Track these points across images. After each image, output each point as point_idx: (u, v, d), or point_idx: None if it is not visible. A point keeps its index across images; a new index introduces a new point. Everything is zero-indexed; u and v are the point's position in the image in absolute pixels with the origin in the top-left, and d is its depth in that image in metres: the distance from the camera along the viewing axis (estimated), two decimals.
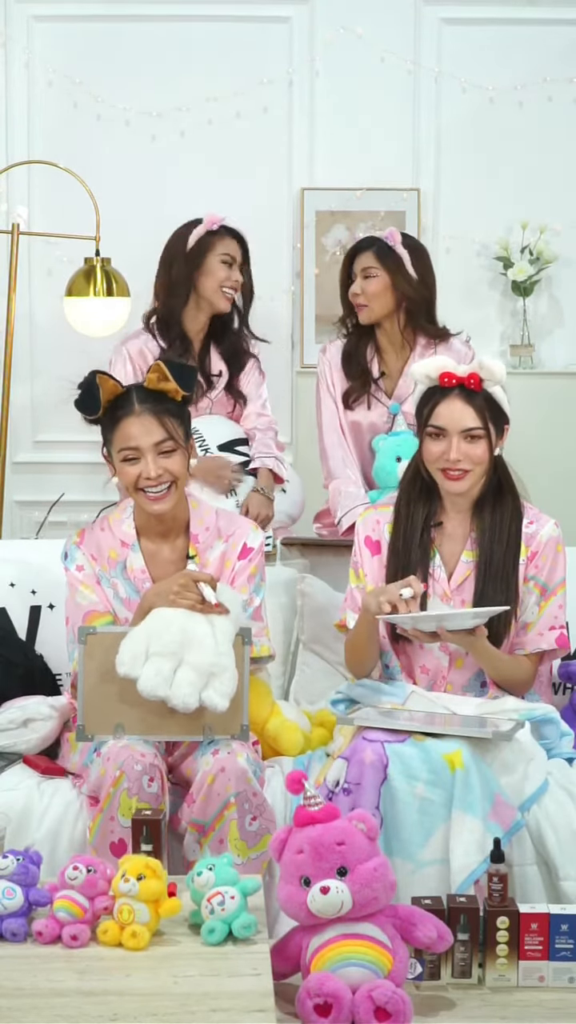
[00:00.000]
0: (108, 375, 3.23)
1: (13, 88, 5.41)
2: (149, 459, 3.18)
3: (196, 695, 3.00)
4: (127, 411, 3.20)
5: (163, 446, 3.19)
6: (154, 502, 3.21)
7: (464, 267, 5.45)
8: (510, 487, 3.35)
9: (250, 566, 3.32)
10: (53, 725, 3.38)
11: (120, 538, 3.32)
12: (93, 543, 3.33)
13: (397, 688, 3.31)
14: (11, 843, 3.09)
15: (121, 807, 2.97)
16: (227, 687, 3.03)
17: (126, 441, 3.19)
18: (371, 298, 4.16)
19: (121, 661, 3.02)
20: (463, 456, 3.23)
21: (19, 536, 5.27)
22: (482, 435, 3.24)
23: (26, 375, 5.42)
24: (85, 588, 3.29)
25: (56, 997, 2.34)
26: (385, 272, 4.16)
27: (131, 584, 3.29)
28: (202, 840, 3.01)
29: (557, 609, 3.34)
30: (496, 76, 5.43)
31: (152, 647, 3.02)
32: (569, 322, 5.55)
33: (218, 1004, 2.31)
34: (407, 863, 2.94)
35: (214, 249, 4.23)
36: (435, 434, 3.26)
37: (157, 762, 3.05)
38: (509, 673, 3.29)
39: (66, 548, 3.34)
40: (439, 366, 3.28)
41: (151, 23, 5.39)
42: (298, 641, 3.84)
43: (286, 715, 3.47)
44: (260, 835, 3.02)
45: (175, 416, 3.23)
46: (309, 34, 5.41)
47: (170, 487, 3.22)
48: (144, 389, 3.23)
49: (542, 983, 2.68)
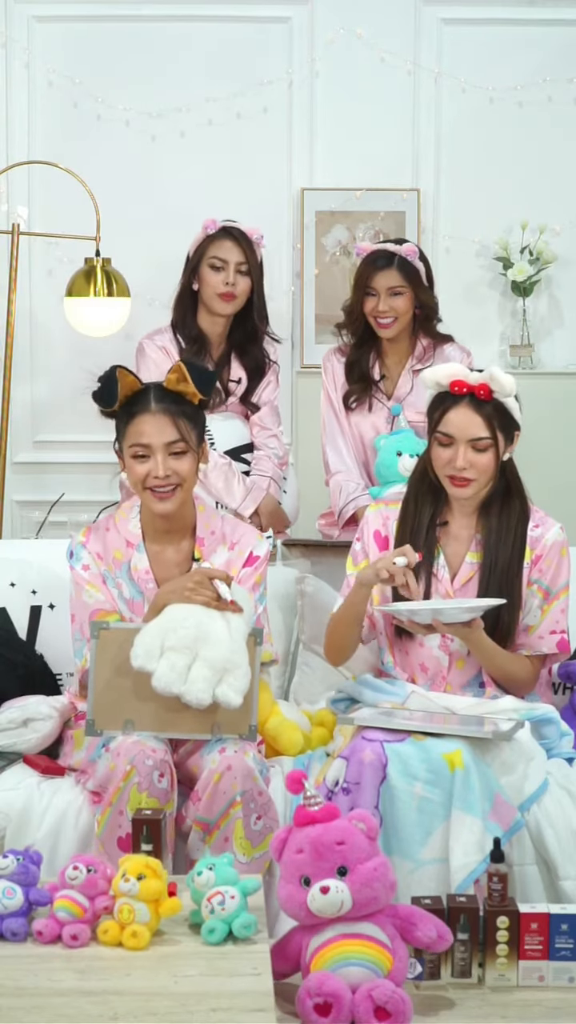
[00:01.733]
0: (128, 370, 3.23)
1: (13, 88, 5.41)
2: (159, 458, 3.17)
3: (210, 691, 3.01)
4: (143, 408, 3.20)
5: (174, 447, 3.19)
6: (159, 500, 3.21)
7: (464, 267, 5.46)
8: (518, 490, 3.34)
9: (255, 574, 3.31)
10: (53, 725, 3.38)
11: (126, 538, 3.31)
12: (99, 542, 3.32)
13: (397, 688, 3.31)
14: (11, 843, 3.08)
15: (131, 802, 2.97)
16: (241, 683, 3.04)
17: (138, 438, 3.19)
18: (401, 314, 4.18)
19: (136, 655, 3.02)
20: (469, 465, 3.24)
21: (19, 536, 5.27)
22: (489, 445, 3.24)
23: (26, 375, 5.41)
24: (91, 587, 3.29)
25: (56, 997, 2.34)
26: (410, 288, 4.18)
27: (135, 585, 3.29)
28: (207, 839, 3.02)
29: (559, 613, 3.34)
30: (496, 76, 5.43)
31: (167, 642, 3.02)
32: (569, 322, 5.55)
33: (218, 1004, 2.31)
34: (406, 862, 2.95)
35: (206, 255, 4.22)
36: (443, 441, 3.27)
37: (168, 758, 3.05)
38: (508, 670, 3.28)
39: (72, 547, 3.34)
40: (450, 373, 3.28)
41: (151, 23, 5.39)
42: (298, 641, 3.84)
43: (286, 715, 3.47)
44: (264, 834, 3.02)
45: (190, 419, 3.22)
46: (309, 34, 5.41)
47: (176, 488, 3.21)
48: (162, 389, 3.23)
49: (542, 983, 2.67)
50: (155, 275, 4.65)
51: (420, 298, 4.21)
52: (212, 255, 4.21)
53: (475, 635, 3.21)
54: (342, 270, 5.31)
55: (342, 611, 3.36)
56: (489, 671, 3.29)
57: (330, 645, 3.43)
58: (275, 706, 3.48)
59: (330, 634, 3.41)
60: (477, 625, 3.19)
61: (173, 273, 4.34)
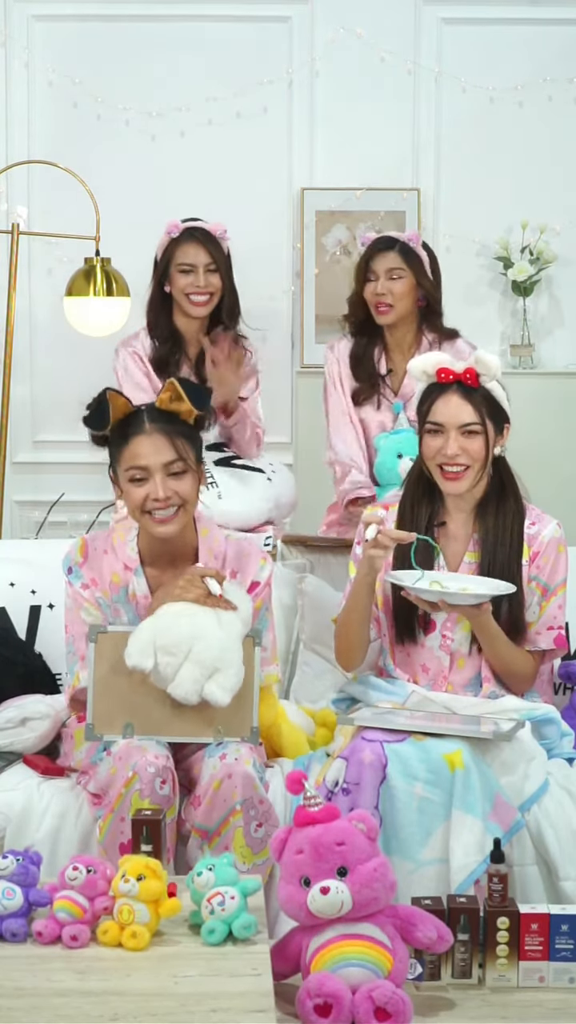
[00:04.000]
0: (119, 392, 3.16)
1: (13, 88, 5.41)
2: (158, 479, 3.09)
3: (197, 689, 3.00)
4: (137, 429, 3.11)
5: (173, 467, 3.11)
6: (160, 524, 3.12)
7: (464, 267, 5.45)
8: (513, 490, 3.35)
9: (256, 600, 3.23)
10: (51, 724, 3.38)
11: (124, 561, 3.24)
12: (96, 567, 3.24)
13: (398, 688, 3.31)
14: (11, 843, 3.08)
15: (132, 809, 2.94)
16: (230, 682, 3.02)
17: (134, 460, 3.10)
18: (397, 299, 4.18)
19: (129, 653, 3.01)
20: (461, 451, 3.24)
21: (19, 536, 5.27)
22: (479, 431, 3.25)
23: (26, 375, 5.42)
24: (89, 606, 3.23)
25: (56, 997, 2.34)
26: (411, 272, 4.18)
27: (132, 609, 3.22)
28: (206, 846, 3.01)
29: (556, 609, 3.35)
30: (496, 76, 5.43)
31: (159, 640, 3.02)
32: (569, 322, 5.55)
33: (218, 1004, 2.30)
34: (406, 863, 2.95)
35: (173, 259, 4.18)
36: (433, 430, 3.28)
37: (170, 764, 3.03)
38: (509, 659, 3.27)
39: (70, 563, 3.26)
40: (436, 362, 3.29)
41: (151, 23, 5.39)
42: (298, 641, 3.84)
43: (288, 715, 3.46)
44: (265, 841, 2.99)
45: (187, 438, 3.14)
46: (309, 34, 5.41)
47: (178, 511, 3.13)
48: (156, 409, 3.15)
49: (542, 983, 2.67)
50: None
51: (423, 286, 4.20)
52: (179, 260, 4.18)
53: (482, 618, 3.21)
54: (342, 270, 5.31)
55: (348, 614, 3.35)
56: (491, 659, 3.29)
57: (341, 650, 3.40)
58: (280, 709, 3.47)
59: (340, 638, 3.40)
60: (485, 608, 3.19)
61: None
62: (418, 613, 3.30)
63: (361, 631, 3.33)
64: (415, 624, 3.32)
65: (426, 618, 3.32)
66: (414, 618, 3.32)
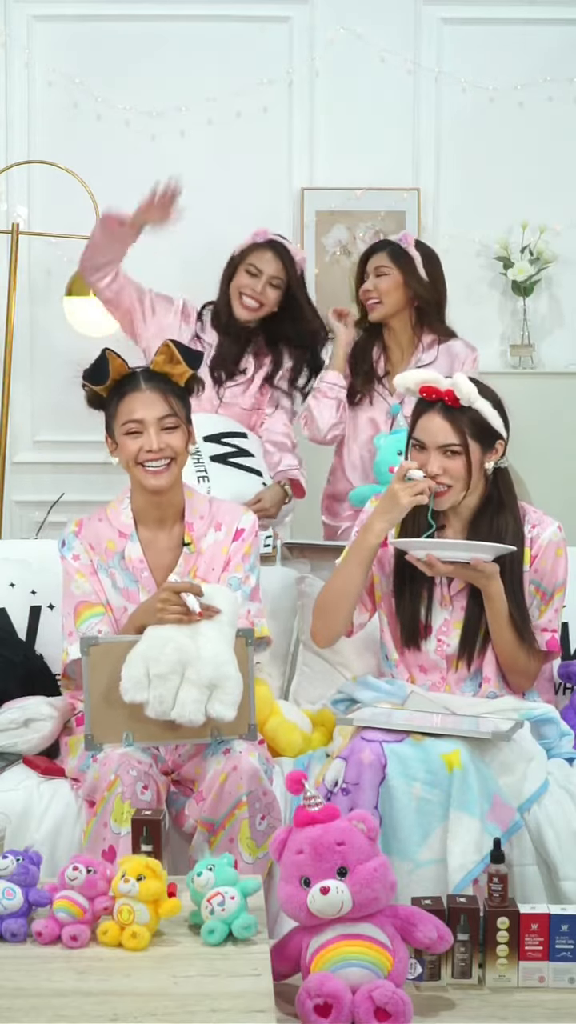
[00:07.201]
0: (116, 354, 3.30)
1: (13, 88, 5.41)
2: (152, 432, 3.25)
3: (201, 711, 3.00)
4: (133, 387, 3.29)
5: (166, 421, 3.27)
6: (153, 476, 3.27)
7: (464, 267, 5.44)
8: (511, 506, 3.33)
9: (244, 546, 3.36)
10: (54, 725, 3.38)
11: (118, 528, 3.36)
12: (91, 533, 3.37)
13: (396, 688, 3.31)
14: (11, 843, 3.09)
15: (114, 812, 2.96)
16: (231, 696, 3.02)
17: (130, 415, 3.27)
18: (382, 294, 4.26)
19: (124, 689, 3.02)
20: (441, 470, 3.24)
21: (19, 536, 5.27)
22: (460, 451, 3.24)
23: (26, 375, 5.41)
24: (80, 577, 3.32)
25: (56, 997, 2.34)
26: (397, 271, 4.26)
27: (129, 574, 3.32)
28: (212, 839, 3.02)
29: (552, 613, 3.35)
30: (496, 76, 5.43)
31: (152, 670, 3.01)
32: (569, 322, 5.55)
33: (218, 1004, 2.31)
34: (405, 863, 2.95)
35: (245, 259, 4.31)
36: (417, 446, 3.28)
37: (152, 772, 3.05)
38: (513, 642, 3.26)
39: (64, 536, 3.39)
40: (420, 380, 3.29)
41: (151, 23, 5.39)
42: (298, 641, 3.84)
43: (286, 715, 3.47)
44: (268, 834, 3.01)
45: (178, 396, 3.31)
46: (309, 34, 5.41)
47: (170, 463, 3.28)
48: (150, 371, 3.32)
49: (542, 983, 2.67)
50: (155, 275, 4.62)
51: (412, 286, 4.24)
52: (250, 261, 4.30)
53: (492, 588, 3.21)
54: (342, 270, 5.31)
55: (340, 580, 3.33)
56: (497, 638, 3.27)
57: (322, 622, 3.39)
58: (275, 706, 3.48)
59: (321, 607, 3.39)
60: (493, 572, 3.19)
61: (173, 272, 4.34)
62: (419, 618, 3.31)
63: (346, 603, 3.33)
64: (418, 630, 3.31)
65: (425, 623, 3.32)
66: (416, 622, 3.32)
